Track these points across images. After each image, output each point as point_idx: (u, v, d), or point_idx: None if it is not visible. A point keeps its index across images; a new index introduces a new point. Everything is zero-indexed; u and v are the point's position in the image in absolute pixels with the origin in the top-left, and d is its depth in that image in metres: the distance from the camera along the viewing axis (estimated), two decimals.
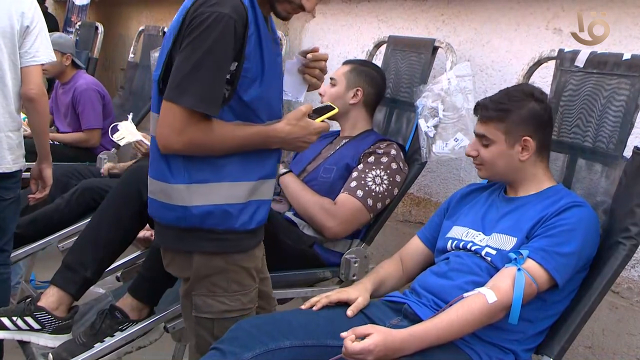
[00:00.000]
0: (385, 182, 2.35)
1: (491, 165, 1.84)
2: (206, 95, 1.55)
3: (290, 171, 2.51)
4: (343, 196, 2.34)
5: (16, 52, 2.36)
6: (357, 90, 2.53)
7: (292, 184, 2.45)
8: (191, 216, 1.64)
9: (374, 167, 2.36)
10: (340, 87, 2.54)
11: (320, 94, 2.58)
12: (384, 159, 2.37)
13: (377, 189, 2.34)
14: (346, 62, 2.63)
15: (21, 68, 2.40)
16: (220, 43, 1.53)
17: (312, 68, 1.83)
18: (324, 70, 1.85)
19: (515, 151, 1.80)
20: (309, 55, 1.82)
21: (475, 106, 1.88)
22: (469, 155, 1.90)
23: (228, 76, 1.58)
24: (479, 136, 1.85)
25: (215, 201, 1.65)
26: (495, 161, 1.83)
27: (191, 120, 1.56)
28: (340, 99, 2.53)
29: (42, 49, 2.42)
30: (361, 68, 2.58)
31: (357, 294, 1.80)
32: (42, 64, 2.44)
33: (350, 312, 1.74)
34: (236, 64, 1.58)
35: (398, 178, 2.40)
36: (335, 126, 2.67)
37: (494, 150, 1.81)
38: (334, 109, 1.84)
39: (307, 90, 1.86)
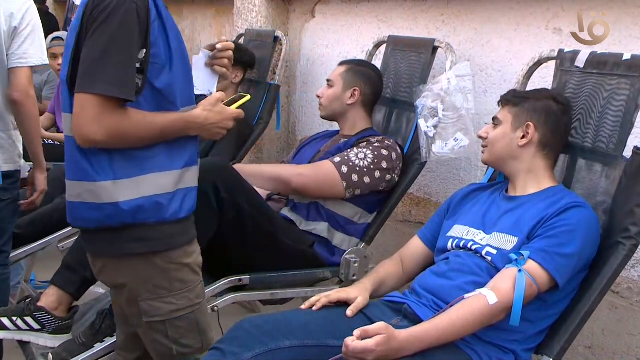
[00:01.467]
0: (369, 158, 2.33)
1: (492, 145, 1.89)
2: (117, 80, 1.51)
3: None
4: (319, 163, 2.36)
5: (3, 52, 2.33)
6: (354, 90, 2.53)
7: (246, 166, 2.45)
8: (121, 212, 1.59)
9: (361, 147, 2.37)
10: (337, 88, 2.54)
11: (318, 96, 2.58)
12: (376, 144, 2.38)
13: (357, 162, 2.32)
14: (342, 63, 2.63)
15: (8, 69, 2.35)
16: (124, 27, 1.52)
17: (221, 59, 1.82)
18: (231, 60, 1.84)
19: (516, 135, 1.84)
20: (218, 46, 1.81)
21: (501, 96, 1.94)
22: (479, 137, 1.95)
23: (139, 65, 1.55)
24: (493, 120, 1.92)
25: (144, 193, 1.61)
26: (496, 141, 1.88)
27: (107, 108, 1.51)
28: (337, 100, 2.53)
29: (32, 51, 2.36)
30: (357, 68, 2.58)
31: (357, 293, 1.80)
32: (31, 67, 2.37)
33: (349, 312, 1.74)
34: (144, 51, 1.55)
35: (384, 164, 2.35)
36: (334, 126, 2.67)
37: (499, 132, 1.88)
38: (246, 96, 1.86)
39: (218, 82, 1.86)
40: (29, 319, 2.12)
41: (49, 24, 5.02)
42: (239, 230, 2.18)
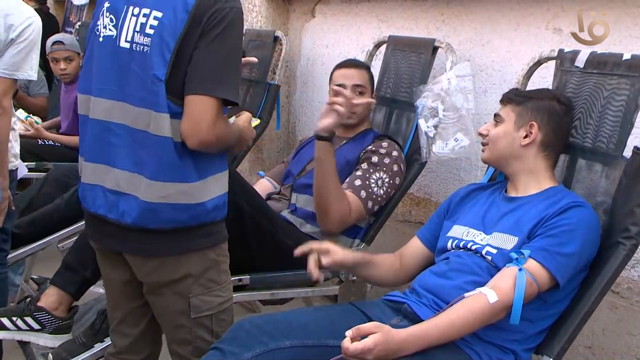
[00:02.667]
0: (386, 185, 2.36)
1: (493, 143, 1.88)
2: (235, 87, 1.62)
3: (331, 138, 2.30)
4: (348, 194, 2.33)
5: None
6: (374, 95, 2.58)
7: (329, 161, 2.25)
8: (205, 211, 1.67)
9: (377, 169, 2.36)
10: (368, 95, 2.54)
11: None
12: (387, 160, 2.37)
13: (379, 192, 2.34)
14: (359, 67, 2.57)
15: None
16: (240, 38, 1.64)
17: None
18: None
19: (519, 135, 1.83)
20: None
21: (503, 94, 1.94)
22: (480, 134, 1.94)
23: None
24: (495, 117, 1.91)
25: (218, 192, 1.71)
26: (498, 140, 1.87)
27: (221, 113, 1.60)
28: (368, 109, 2.56)
29: (21, 65, 2.29)
30: (371, 73, 2.59)
31: (341, 251, 1.87)
32: (15, 80, 2.30)
33: (324, 260, 1.83)
34: None
35: (397, 181, 2.40)
36: None
37: (501, 130, 1.87)
38: (258, 120, 2.09)
39: None
40: (29, 319, 2.12)
41: (50, 25, 5.02)
42: (239, 231, 2.17)
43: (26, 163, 3.35)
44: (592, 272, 1.71)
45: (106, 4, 1.68)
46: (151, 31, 1.59)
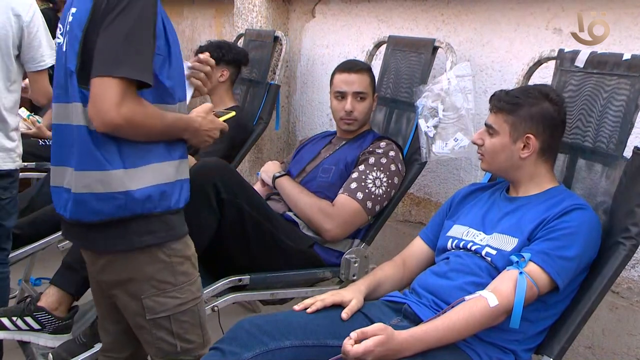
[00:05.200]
0: (385, 184, 2.35)
1: (492, 157, 1.85)
2: (140, 65, 1.53)
3: (285, 174, 2.51)
4: (342, 197, 2.33)
5: (11, 55, 2.36)
6: (376, 96, 2.57)
7: (288, 186, 2.45)
8: (133, 201, 1.60)
9: (374, 169, 2.35)
10: (370, 99, 2.53)
11: (351, 111, 2.49)
12: (384, 160, 2.37)
13: (377, 191, 2.34)
14: (360, 71, 2.53)
15: (28, 73, 2.45)
16: (146, 17, 1.55)
17: (198, 71, 1.87)
18: (209, 75, 1.89)
19: (516, 147, 1.80)
20: (195, 64, 1.87)
21: (490, 97, 1.88)
22: (474, 143, 1.91)
23: None
24: (487, 126, 1.86)
25: (152, 182, 1.63)
26: (496, 153, 1.83)
27: (128, 93, 1.52)
28: (370, 111, 2.56)
29: (46, 51, 2.45)
30: (373, 74, 2.58)
31: (351, 296, 1.79)
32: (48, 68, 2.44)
33: (344, 315, 1.73)
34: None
35: (396, 180, 2.40)
36: (334, 126, 2.67)
37: (497, 142, 1.82)
38: (232, 112, 1.98)
39: (193, 96, 1.89)
40: (29, 319, 2.12)
41: (55, 24, 5.00)
42: (239, 230, 2.18)
43: (26, 163, 3.35)
44: (592, 273, 1.70)
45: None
46: (69, 27, 1.64)
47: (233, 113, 1.97)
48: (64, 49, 1.65)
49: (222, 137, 1.87)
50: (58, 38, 1.71)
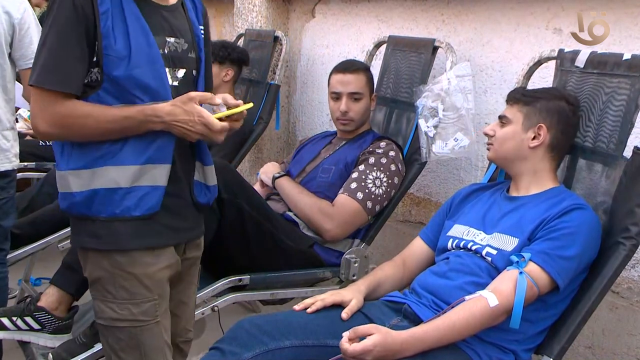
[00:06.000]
0: (385, 184, 2.35)
1: (500, 144, 1.86)
2: (53, 72, 1.53)
3: (285, 174, 2.51)
4: (342, 197, 2.33)
5: (4, 52, 2.35)
6: (374, 96, 2.55)
7: (288, 187, 2.45)
8: (76, 203, 1.60)
9: (374, 169, 2.35)
10: (366, 100, 2.51)
11: (345, 111, 2.49)
12: (384, 160, 2.37)
13: (377, 191, 2.34)
14: (356, 71, 2.52)
15: (19, 71, 2.42)
16: (59, 20, 1.53)
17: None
18: (239, 120, 1.68)
19: (527, 136, 1.81)
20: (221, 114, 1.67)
21: (509, 93, 1.92)
22: (486, 134, 1.91)
23: (95, 58, 1.55)
24: (500, 118, 1.88)
25: (95, 185, 1.58)
26: (505, 140, 1.84)
27: (49, 100, 1.54)
28: (368, 111, 2.54)
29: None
30: (370, 74, 2.57)
31: (351, 296, 1.79)
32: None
33: (344, 314, 1.73)
34: (96, 42, 1.55)
35: (396, 180, 2.40)
36: (333, 126, 2.67)
37: (508, 130, 1.84)
38: (250, 104, 1.68)
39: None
40: (29, 319, 2.12)
41: None
42: (239, 231, 2.18)
43: (26, 163, 3.36)
44: (592, 272, 1.70)
45: None
46: None
47: (250, 104, 1.68)
48: None
49: (229, 134, 1.66)
50: None
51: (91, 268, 1.65)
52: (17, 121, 2.98)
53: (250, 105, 1.68)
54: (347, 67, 2.55)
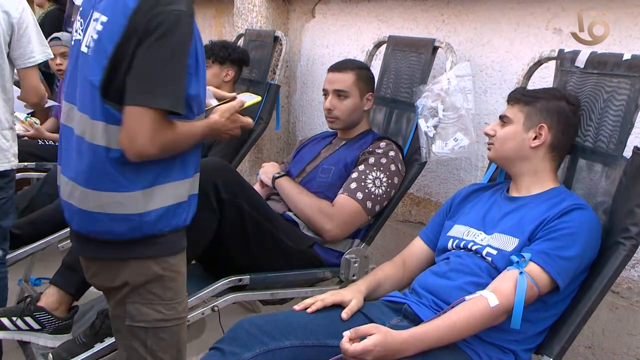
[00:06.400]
0: (385, 184, 2.35)
1: (501, 144, 1.86)
2: (176, 95, 1.53)
3: (285, 175, 2.51)
4: (342, 197, 2.33)
5: (3, 52, 2.36)
6: (369, 95, 2.54)
7: (288, 187, 2.44)
8: (145, 223, 1.59)
9: (374, 169, 2.35)
10: (354, 98, 2.50)
11: (330, 109, 2.50)
12: (384, 160, 2.37)
13: (377, 191, 2.34)
14: (344, 69, 2.52)
15: (18, 70, 2.44)
16: (183, 43, 1.53)
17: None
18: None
19: (528, 136, 1.82)
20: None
21: (509, 94, 1.92)
22: (486, 134, 1.91)
23: None
24: (501, 117, 1.88)
25: (167, 202, 1.61)
26: (506, 140, 1.85)
27: (163, 123, 1.52)
28: (357, 110, 2.52)
29: (36, 47, 2.43)
30: (365, 73, 2.56)
31: (351, 296, 1.79)
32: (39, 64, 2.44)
33: (344, 314, 1.73)
34: None
35: (396, 180, 2.40)
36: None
37: (509, 130, 1.84)
38: (258, 98, 1.96)
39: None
40: (29, 319, 2.12)
41: (59, 24, 4.99)
42: (239, 231, 2.18)
43: (26, 163, 3.36)
44: (592, 273, 1.70)
45: (80, 8, 1.70)
46: (96, 36, 1.57)
47: (258, 98, 1.94)
48: (88, 53, 1.59)
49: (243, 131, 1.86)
50: (77, 33, 1.66)
51: (133, 274, 1.64)
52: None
53: (258, 98, 1.91)
54: (337, 66, 2.56)
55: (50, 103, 3.73)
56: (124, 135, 1.52)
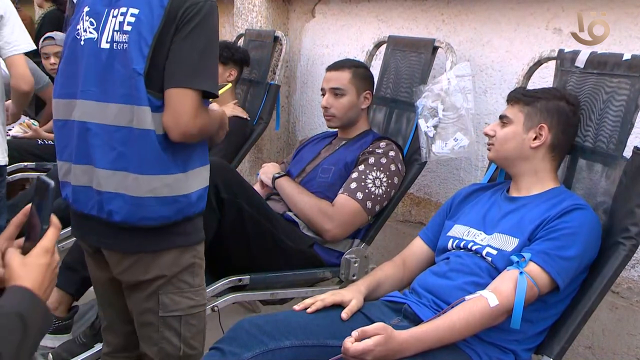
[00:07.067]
0: (385, 184, 2.35)
1: (501, 144, 1.86)
2: (214, 78, 1.65)
3: (285, 174, 2.51)
4: (342, 197, 2.33)
5: None
6: (367, 93, 2.54)
7: (288, 187, 2.45)
8: (189, 204, 1.67)
9: (374, 169, 2.35)
10: (351, 96, 2.51)
11: (327, 107, 2.52)
12: (384, 160, 2.37)
13: (377, 191, 2.34)
14: (340, 68, 2.54)
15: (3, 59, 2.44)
16: (215, 30, 1.67)
17: None
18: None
19: (528, 136, 1.81)
20: None
21: (509, 94, 1.92)
22: (486, 134, 1.91)
23: None
24: (501, 117, 1.88)
25: (201, 184, 1.71)
26: (506, 141, 1.85)
27: (201, 105, 1.62)
28: (353, 108, 2.52)
29: (22, 36, 2.44)
30: (362, 71, 2.56)
31: (351, 296, 1.79)
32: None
33: (344, 314, 1.73)
34: None
35: (396, 180, 2.40)
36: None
37: (509, 131, 1.84)
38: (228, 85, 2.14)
39: None
40: None
41: (60, 23, 4.99)
42: (239, 230, 2.18)
43: (26, 163, 3.36)
44: (592, 273, 1.70)
45: (86, 9, 1.71)
46: (129, 28, 1.62)
47: (229, 85, 2.11)
48: (116, 47, 1.63)
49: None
50: (87, 32, 1.68)
51: (169, 265, 1.70)
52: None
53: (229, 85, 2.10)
54: (334, 65, 2.58)
55: None
56: (169, 116, 1.60)
